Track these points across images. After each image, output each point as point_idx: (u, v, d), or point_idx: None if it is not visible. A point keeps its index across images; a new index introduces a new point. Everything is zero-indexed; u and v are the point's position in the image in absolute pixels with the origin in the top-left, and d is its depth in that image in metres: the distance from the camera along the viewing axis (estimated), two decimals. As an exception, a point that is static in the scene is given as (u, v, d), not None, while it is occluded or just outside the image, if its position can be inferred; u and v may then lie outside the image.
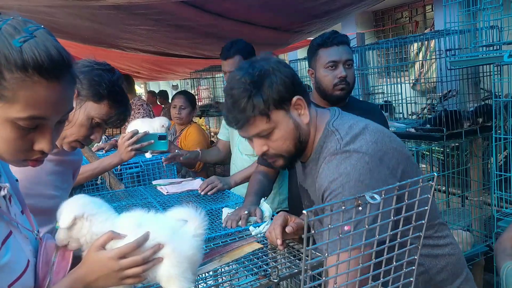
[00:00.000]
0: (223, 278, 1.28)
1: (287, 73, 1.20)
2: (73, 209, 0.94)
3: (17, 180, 1.04)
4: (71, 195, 2.18)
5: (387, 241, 0.81)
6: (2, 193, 0.89)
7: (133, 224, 0.98)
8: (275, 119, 1.18)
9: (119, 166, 2.52)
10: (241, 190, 2.41)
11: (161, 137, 2.05)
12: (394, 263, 0.82)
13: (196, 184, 2.42)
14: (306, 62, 4.15)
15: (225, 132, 2.88)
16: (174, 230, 0.98)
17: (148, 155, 2.88)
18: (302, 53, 5.95)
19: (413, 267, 0.85)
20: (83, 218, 0.95)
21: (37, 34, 0.77)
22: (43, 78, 0.75)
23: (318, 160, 1.23)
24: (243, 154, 2.61)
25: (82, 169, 1.98)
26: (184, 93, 3.62)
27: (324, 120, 1.26)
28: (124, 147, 1.97)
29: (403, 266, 0.84)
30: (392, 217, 0.79)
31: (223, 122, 2.88)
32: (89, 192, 2.43)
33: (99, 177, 2.36)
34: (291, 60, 4.43)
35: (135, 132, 2.00)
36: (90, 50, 4.72)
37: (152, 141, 2.01)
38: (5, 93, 0.74)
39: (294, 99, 1.19)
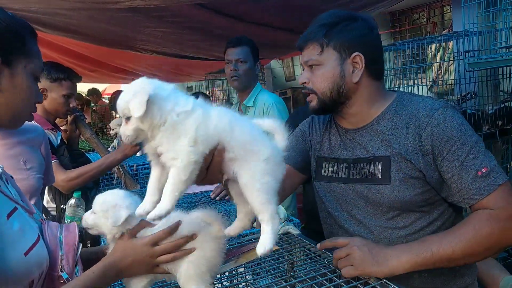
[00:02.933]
0: (239, 279, 1.28)
1: (367, 31, 1.25)
2: (123, 211, 0.95)
3: None
4: (86, 196, 2.22)
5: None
6: None
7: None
8: (327, 56, 1.24)
9: (134, 166, 2.55)
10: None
11: None
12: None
13: (209, 186, 2.43)
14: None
15: None
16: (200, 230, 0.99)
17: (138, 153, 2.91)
18: (317, 55, 5.92)
19: None
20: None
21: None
22: (33, 36, 0.99)
23: (400, 117, 1.24)
24: None
25: (88, 167, 2.00)
26: (199, 94, 3.64)
27: (390, 92, 1.33)
28: None
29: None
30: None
31: None
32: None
33: (115, 177, 2.39)
34: (306, 62, 4.41)
35: None
36: (107, 51, 4.79)
37: None
38: (26, 48, 0.94)
39: (355, 54, 1.23)
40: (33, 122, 1.78)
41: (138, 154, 3.00)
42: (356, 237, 1.16)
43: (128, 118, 0.85)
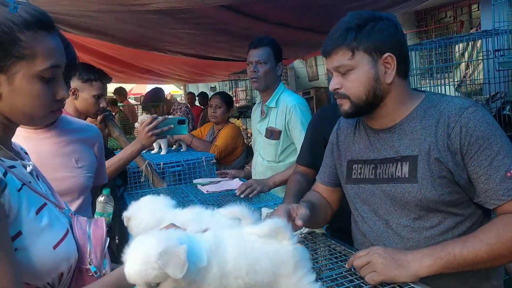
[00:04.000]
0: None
1: (394, 30, 1.24)
2: (179, 263, 0.75)
3: None
4: (114, 193, 2.28)
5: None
6: (28, 169, 0.97)
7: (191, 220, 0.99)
8: (358, 60, 1.22)
9: (161, 165, 2.60)
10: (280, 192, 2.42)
11: (181, 122, 2.05)
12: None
13: (234, 184, 2.46)
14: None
15: None
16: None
17: (163, 151, 2.95)
18: (340, 54, 5.88)
19: None
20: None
21: (17, 1, 0.88)
22: (45, 30, 0.89)
23: (429, 116, 1.23)
24: (265, 160, 2.62)
25: (108, 163, 2.04)
26: (220, 94, 3.69)
27: (417, 91, 1.33)
28: (144, 132, 1.99)
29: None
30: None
31: None
32: (132, 189, 2.52)
33: (143, 174, 2.44)
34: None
35: (155, 117, 2.01)
36: (133, 53, 4.90)
37: (172, 125, 2.01)
38: (25, 51, 0.86)
39: (386, 54, 1.22)
40: (87, 122, 1.83)
41: (154, 151, 3.07)
42: (374, 246, 1.16)
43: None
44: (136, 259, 0.75)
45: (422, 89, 3.50)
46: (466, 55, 4.14)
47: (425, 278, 1.07)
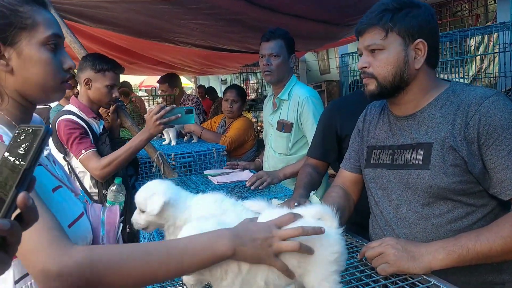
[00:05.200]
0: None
1: (430, 19, 1.25)
2: (160, 196, 0.96)
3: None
4: (126, 183, 2.30)
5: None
6: (45, 153, 0.99)
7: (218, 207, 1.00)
8: (391, 41, 1.24)
9: (173, 156, 2.61)
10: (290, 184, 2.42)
11: (188, 111, 2.06)
12: None
13: (244, 175, 2.46)
14: (357, 56, 4.07)
15: None
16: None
17: (172, 142, 2.95)
18: (353, 47, 5.83)
19: None
20: (169, 204, 0.98)
21: None
22: (41, 6, 0.93)
23: (449, 105, 1.24)
24: (276, 153, 2.61)
25: (117, 152, 2.05)
26: (236, 87, 3.66)
27: (443, 81, 1.33)
28: (152, 121, 2.00)
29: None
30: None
31: None
32: (144, 179, 2.54)
33: (154, 165, 2.46)
34: (343, 54, 4.35)
35: (162, 106, 2.03)
36: (145, 44, 4.91)
37: (179, 115, 2.03)
38: (27, 21, 0.89)
39: (418, 40, 1.23)
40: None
41: (166, 142, 3.08)
42: (386, 238, 1.15)
43: (143, 211, 0.97)
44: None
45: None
46: (481, 48, 4.07)
47: (435, 270, 1.06)
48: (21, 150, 0.51)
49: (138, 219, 0.97)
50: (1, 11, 0.86)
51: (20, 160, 0.51)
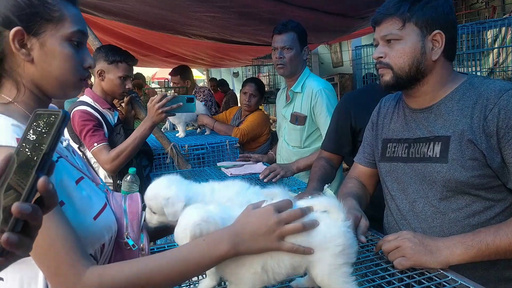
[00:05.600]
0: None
1: (448, 10, 1.24)
2: (178, 201, 0.94)
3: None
4: (141, 174, 2.32)
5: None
6: (64, 144, 1.00)
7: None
8: (408, 31, 1.23)
9: (186, 147, 2.62)
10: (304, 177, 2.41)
11: (189, 100, 2.12)
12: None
13: (258, 168, 2.47)
14: (371, 49, 4.01)
15: None
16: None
17: (182, 134, 2.96)
18: (366, 39, 5.76)
19: None
20: (185, 206, 0.94)
21: None
22: (70, 1, 0.92)
23: (467, 98, 1.22)
24: (290, 145, 2.60)
25: (124, 144, 2.07)
26: (256, 81, 3.62)
27: (460, 74, 1.31)
28: (155, 109, 2.04)
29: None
30: None
31: None
32: (158, 170, 2.56)
33: (168, 156, 2.47)
34: (356, 46, 4.30)
35: (164, 95, 2.06)
36: (158, 36, 4.91)
37: (181, 103, 2.08)
38: (54, 14, 0.88)
39: (436, 32, 1.22)
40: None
41: (180, 135, 3.09)
42: (404, 231, 1.14)
43: (154, 212, 0.96)
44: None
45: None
46: (498, 41, 3.98)
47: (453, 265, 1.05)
48: (40, 135, 0.51)
49: (151, 219, 0.97)
50: (29, 0, 0.85)
51: (39, 144, 0.51)
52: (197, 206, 0.88)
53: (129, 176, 1.94)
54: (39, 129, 0.52)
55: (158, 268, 0.79)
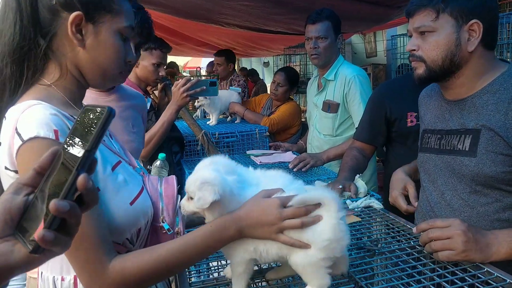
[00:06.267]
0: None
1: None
2: (212, 191, 0.85)
3: None
4: (171, 159, 2.36)
5: None
6: None
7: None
8: (442, 23, 1.19)
9: (217, 135, 2.65)
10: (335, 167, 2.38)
11: (212, 83, 2.19)
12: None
13: (287, 157, 2.46)
14: (406, 38, 3.89)
15: None
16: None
17: (213, 122, 3.00)
18: (402, 29, 5.59)
19: None
20: (220, 201, 0.86)
21: None
22: None
23: (504, 90, 1.17)
24: (321, 134, 2.57)
25: (153, 130, 2.12)
26: (285, 70, 3.58)
27: (502, 62, 1.25)
28: (179, 93, 2.10)
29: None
30: None
31: None
32: (189, 157, 2.60)
33: (199, 143, 2.51)
34: (392, 36, 4.19)
35: (188, 79, 2.12)
36: (190, 24, 4.96)
37: (204, 87, 2.14)
38: (114, 6, 0.91)
39: (473, 21, 1.17)
40: (132, 89, 1.92)
41: (212, 123, 3.12)
42: (456, 220, 1.05)
43: (191, 198, 0.88)
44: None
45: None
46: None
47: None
48: (84, 131, 0.50)
49: (186, 206, 0.91)
50: None
51: (83, 140, 0.50)
52: (219, 170, 0.89)
53: (159, 162, 1.98)
54: (85, 125, 0.51)
55: (172, 253, 0.84)
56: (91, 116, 0.51)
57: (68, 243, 0.51)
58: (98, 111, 0.51)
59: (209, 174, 0.87)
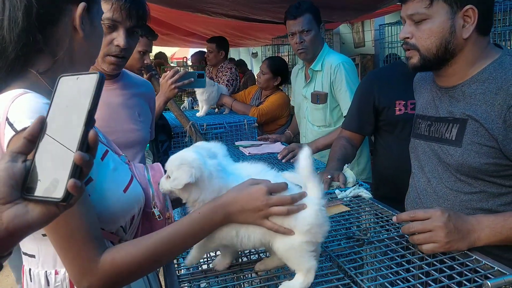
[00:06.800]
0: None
1: None
2: (189, 173, 0.85)
3: None
4: (158, 148, 2.33)
5: None
6: None
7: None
8: (436, 9, 1.16)
9: (205, 126, 2.62)
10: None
11: (200, 75, 2.20)
12: None
13: (276, 147, 2.45)
14: (394, 28, 3.87)
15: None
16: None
17: (202, 113, 3.02)
18: (390, 18, 5.59)
19: None
20: (196, 184, 0.86)
21: None
22: None
23: (492, 80, 1.15)
24: (314, 126, 2.56)
25: None
26: (270, 59, 3.56)
27: (497, 49, 1.22)
28: (168, 85, 2.11)
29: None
30: None
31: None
32: (176, 148, 2.57)
33: (187, 134, 2.48)
34: (380, 25, 4.18)
35: (176, 71, 2.13)
36: (177, 14, 4.88)
37: (192, 79, 2.16)
38: None
39: (468, 7, 1.14)
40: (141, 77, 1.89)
41: (200, 114, 3.09)
42: (436, 211, 1.04)
43: (169, 177, 0.88)
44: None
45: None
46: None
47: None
48: (77, 95, 0.56)
49: (163, 184, 0.91)
50: None
51: (79, 104, 0.55)
52: (201, 153, 0.89)
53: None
54: (75, 91, 0.57)
55: (161, 243, 0.84)
56: (79, 81, 0.57)
57: (84, 188, 0.56)
58: (85, 76, 0.57)
59: (189, 155, 0.88)
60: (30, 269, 0.91)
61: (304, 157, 0.88)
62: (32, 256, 0.89)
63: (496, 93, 1.12)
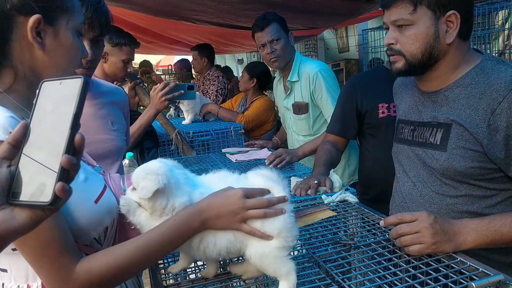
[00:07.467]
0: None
1: None
2: (156, 180, 0.83)
3: None
4: (143, 156, 2.31)
5: None
6: None
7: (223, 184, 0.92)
8: (420, 15, 1.16)
9: (191, 134, 2.61)
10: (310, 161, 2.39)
11: (190, 87, 2.24)
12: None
13: (263, 154, 2.45)
14: (377, 32, 3.93)
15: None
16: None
17: (188, 122, 3.03)
18: (373, 23, 5.66)
19: None
20: (164, 190, 0.85)
21: None
22: None
23: (475, 85, 1.16)
24: (300, 135, 2.58)
25: (130, 130, 2.08)
26: (250, 63, 3.65)
27: (477, 54, 1.23)
28: (158, 97, 2.11)
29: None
30: None
31: None
32: (163, 157, 2.55)
33: (173, 142, 2.47)
34: (363, 30, 4.23)
35: (167, 83, 2.15)
36: (161, 22, 4.87)
37: (182, 91, 2.18)
38: (68, 4, 0.89)
39: (450, 12, 1.15)
40: (113, 84, 1.87)
41: (186, 121, 3.08)
42: (423, 213, 1.04)
43: (135, 189, 0.87)
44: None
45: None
46: (509, 22, 3.89)
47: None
48: (61, 100, 0.57)
49: (129, 197, 0.89)
50: None
51: (63, 109, 0.56)
52: (167, 163, 0.89)
53: (127, 161, 1.93)
54: (58, 96, 0.57)
55: (136, 250, 0.83)
56: (62, 86, 0.58)
57: (71, 193, 0.56)
58: (68, 80, 0.57)
59: (154, 165, 0.87)
60: (3, 284, 0.90)
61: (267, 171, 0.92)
62: (4, 270, 0.88)
63: (480, 97, 1.13)
